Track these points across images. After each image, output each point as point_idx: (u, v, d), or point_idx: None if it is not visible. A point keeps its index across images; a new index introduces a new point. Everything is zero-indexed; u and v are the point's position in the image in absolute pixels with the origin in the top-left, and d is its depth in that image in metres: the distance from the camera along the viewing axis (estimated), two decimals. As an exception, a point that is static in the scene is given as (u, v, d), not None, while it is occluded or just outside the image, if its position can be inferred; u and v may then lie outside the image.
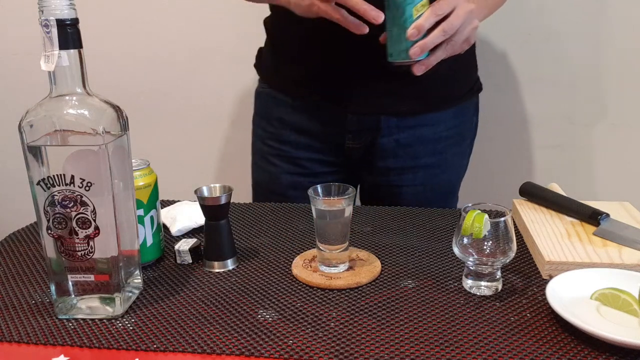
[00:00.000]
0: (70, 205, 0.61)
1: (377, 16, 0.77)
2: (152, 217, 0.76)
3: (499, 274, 0.69)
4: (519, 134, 1.51)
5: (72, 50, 0.59)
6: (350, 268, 0.74)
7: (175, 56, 1.62)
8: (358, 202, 1.11)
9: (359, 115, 0.98)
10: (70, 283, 0.64)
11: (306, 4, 0.81)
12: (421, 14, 0.80)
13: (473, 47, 1.05)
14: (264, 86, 1.09)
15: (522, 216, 0.86)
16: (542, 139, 1.51)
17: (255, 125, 1.12)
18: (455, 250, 0.68)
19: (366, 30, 0.80)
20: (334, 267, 0.73)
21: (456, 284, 0.71)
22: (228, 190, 0.76)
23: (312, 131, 0.98)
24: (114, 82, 1.66)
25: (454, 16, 0.81)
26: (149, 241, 0.77)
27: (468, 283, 0.69)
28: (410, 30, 0.79)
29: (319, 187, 0.73)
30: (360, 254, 0.78)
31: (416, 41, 0.80)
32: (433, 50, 0.82)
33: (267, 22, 1.05)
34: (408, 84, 0.93)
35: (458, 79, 1.03)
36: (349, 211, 0.72)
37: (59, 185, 0.60)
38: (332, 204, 0.72)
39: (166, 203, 1.00)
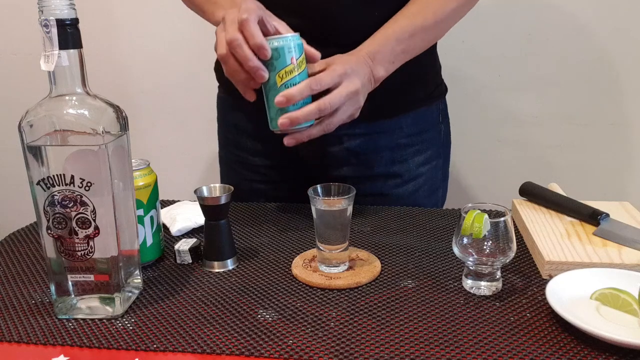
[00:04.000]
0: (70, 205, 0.61)
1: (263, 77, 0.75)
2: (152, 217, 0.76)
3: (498, 274, 0.69)
4: (519, 134, 1.51)
5: (72, 50, 0.59)
6: (350, 268, 0.74)
7: (176, 56, 1.62)
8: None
9: None
10: (70, 283, 0.64)
11: (217, 38, 0.77)
12: (288, 81, 0.75)
13: (433, 47, 0.99)
14: (221, 91, 1.07)
15: (522, 216, 0.86)
16: (542, 139, 1.51)
17: (218, 131, 1.10)
18: (455, 250, 0.68)
19: (252, 98, 0.78)
20: (334, 267, 0.73)
21: (456, 284, 0.71)
22: (228, 190, 0.76)
23: (267, 138, 0.87)
24: (114, 82, 1.66)
25: (335, 95, 0.76)
26: (149, 241, 0.77)
27: (468, 283, 0.69)
28: (278, 98, 0.74)
29: (318, 187, 0.73)
30: (360, 254, 0.78)
31: (288, 109, 0.75)
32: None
33: None
34: None
35: (414, 83, 0.97)
36: (349, 211, 0.72)
37: (59, 185, 0.60)
38: (332, 204, 0.72)
39: (166, 203, 1.00)
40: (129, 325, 0.63)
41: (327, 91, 0.77)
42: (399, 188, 1.00)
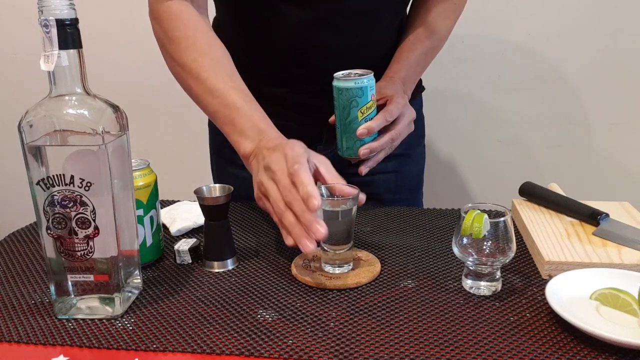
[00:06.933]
0: (69, 205, 0.61)
1: (320, 234, 0.65)
2: (151, 217, 0.76)
3: (498, 274, 0.69)
4: (519, 134, 1.51)
5: (71, 50, 0.59)
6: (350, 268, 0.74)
7: (175, 56, 1.61)
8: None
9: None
10: (69, 283, 0.64)
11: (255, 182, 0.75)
12: (368, 116, 0.84)
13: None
14: None
15: (522, 216, 0.86)
16: (542, 139, 1.51)
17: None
18: (455, 250, 0.68)
19: (309, 249, 0.66)
20: (338, 267, 0.73)
21: (456, 284, 0.71)
22: (228, 190, 0.76)
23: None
24: (114, 82, 1.66)
25: (402, 125, 0.87)
26: (149, 241, 0.77)
27: (468, 283, 0.69)
28: (360, 130, 0.83)
29: (323, 187, 0.73)
30: (360, 254, 0.78)
31: (365, 140, 0.85)
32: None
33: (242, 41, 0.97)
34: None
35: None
36: (353, 211, 0.72)
37: (59, 185, 0.60)
38: (337, 204, 0.72)
39: (166, 203, 1.00)
40: (128, 325, 0.63)
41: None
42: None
